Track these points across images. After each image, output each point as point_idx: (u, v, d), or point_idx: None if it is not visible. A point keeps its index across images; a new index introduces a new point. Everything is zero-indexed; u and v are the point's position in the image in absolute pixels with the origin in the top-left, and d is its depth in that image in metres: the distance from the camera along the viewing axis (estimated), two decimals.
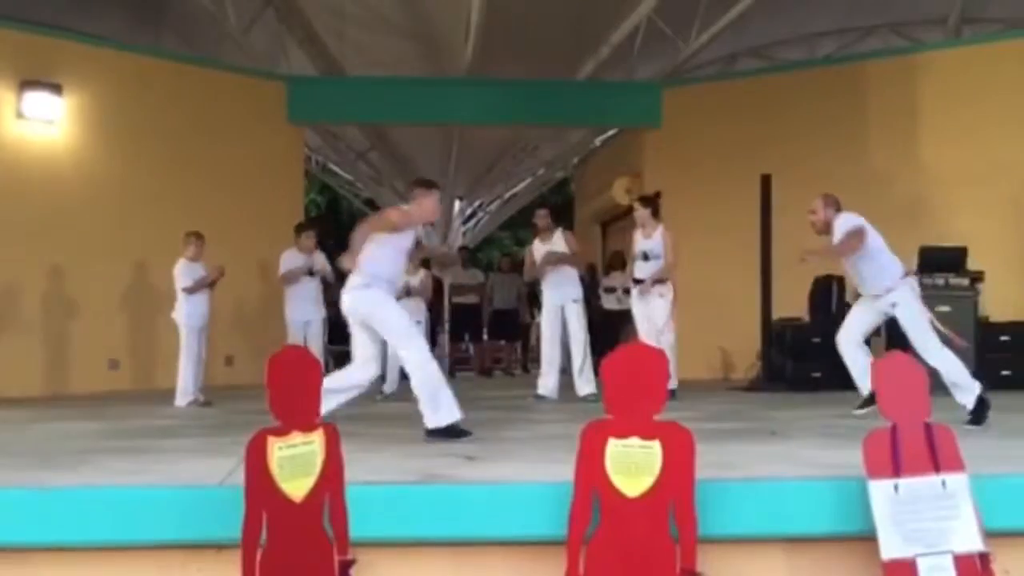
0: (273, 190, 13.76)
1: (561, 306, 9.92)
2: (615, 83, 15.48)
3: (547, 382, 9.90)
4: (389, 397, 10.14)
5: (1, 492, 4.25)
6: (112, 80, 12.56)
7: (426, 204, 6.61)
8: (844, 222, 7.41)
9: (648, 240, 9.78)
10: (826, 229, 7.56)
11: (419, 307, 10.57)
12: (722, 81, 15.14)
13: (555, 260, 9.86)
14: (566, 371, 10.24)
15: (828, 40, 16.30)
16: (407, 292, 10.41)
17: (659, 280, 9.68)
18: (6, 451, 5.88)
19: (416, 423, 7.24)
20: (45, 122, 11.93)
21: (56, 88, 11.92)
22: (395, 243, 6.44)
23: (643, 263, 9.79)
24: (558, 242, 9.96)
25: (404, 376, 10.34)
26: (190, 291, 9.81)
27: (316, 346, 10.51)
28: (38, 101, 11.81)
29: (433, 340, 16.52)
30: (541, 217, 10.23)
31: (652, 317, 9.67)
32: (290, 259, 10.70)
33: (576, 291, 9.97)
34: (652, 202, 10.25)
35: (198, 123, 13.06)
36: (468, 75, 14.86)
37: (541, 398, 9.79)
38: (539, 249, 10.04)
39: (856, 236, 7.26)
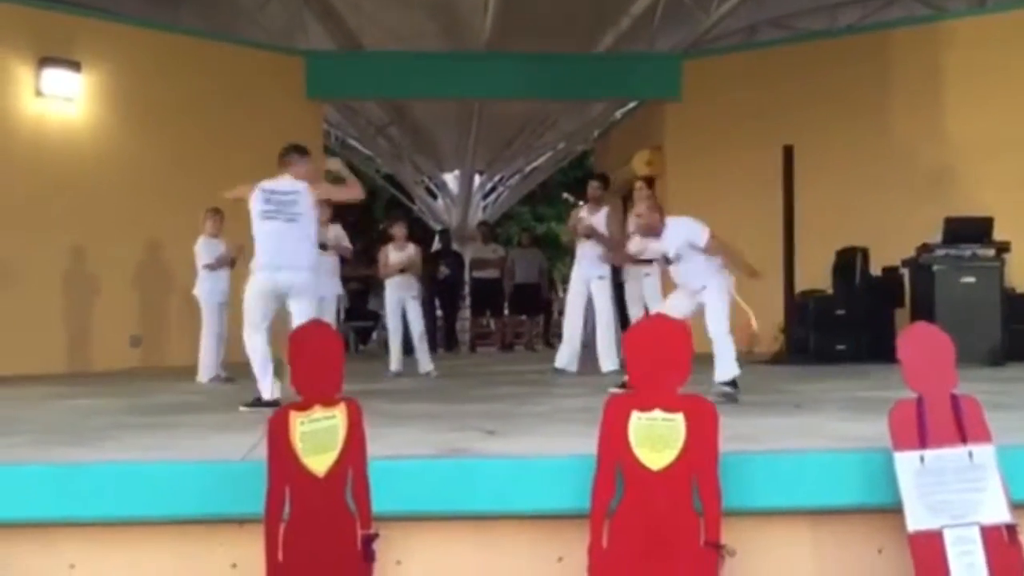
0: None
1: (587, 281, 9.90)
2: (635, 55, 15.38)
3: (564, 354, 9.88)
4: (399, 375, 10.12)
5: (25, 468, 4.27)
6: (131, 57, 12.55)
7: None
8: (688, 228, 7.24)
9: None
10: (650, 232, 7.41)
11: (410, 282, 10.39)
12: (743, 52, 15.00)
13: (588, 231, 9.82)
14: (588, 346, 10.21)
15: (850, 9, 16.12)
16: (399, 270, 10.29)
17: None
18: (30, 428, 5.90)
19: (435, 398, 7.25)
20: (64, 99, 11.94)
21: (75, 65, 11.93)
22: None
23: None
24: (600, 219, 9.92)
25: (408, 352, 10.41)
26: (211, 268, 9.81)
27: (329, 321, 10.44)
28: (57, 78, 11.82)
29: (453, 313, 16.60)
30: (593, 188, 10.23)
31: (646, 294, 9.71)
32: None
33: (603, 268, 9.92)
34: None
35: (217, 99, 13.04)
36: (487, 49, 14.80)
37: (559, 371, 9.75)
38: (583, 218, 10.02)
39: (721, 241, 7.32)
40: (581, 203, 10.27)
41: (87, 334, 11.98)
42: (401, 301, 10.30)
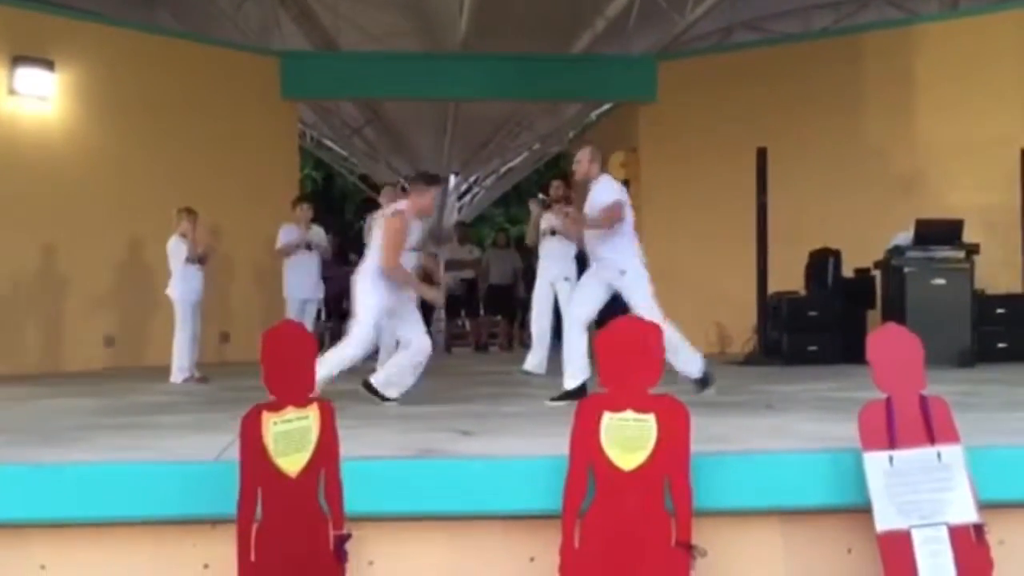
0: (268, 166, 13.71)
1: (553, 282, 9.88)
2: (610, 57, 15.42)
3: (534, 357, 9.85)
4: None
5: None
6: (105, 56, 12.48)
7: (422, 201, 7.34)
8: (606, 189, 7.27)
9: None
10: (584, 181, 7.47)
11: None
12: (718, 54, 15.07)
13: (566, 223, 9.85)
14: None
15: (824, 12, 16.22)
16: None
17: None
18: (1, 428, 5.88)
19: (410, 399, 7.25)
20: (38, 98, 11.85)
21: (48, 64, 11.84)
22: None
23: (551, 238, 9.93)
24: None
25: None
26: (190, 261, 9.72)
27: (309, 324, 10.50)
28: (30, 77, 11.73)
29: (427, 315, 16.56)
30: (555, 188, 10.25)
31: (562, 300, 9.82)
32: (288, 233, 10.72)
33: (569, 269, 9.88)
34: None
35: (192, 99, 12.99)
36: (463, 50, 14.80)
37: (527, 373, 9.73)
38: (547, 219, 10.01)
39: (615, 210, 7.15)
40: (541, 197, 10.37)
41: (60, 334, 11.90)
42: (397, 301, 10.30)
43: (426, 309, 16.27)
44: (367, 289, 7.14)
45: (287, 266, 10.78)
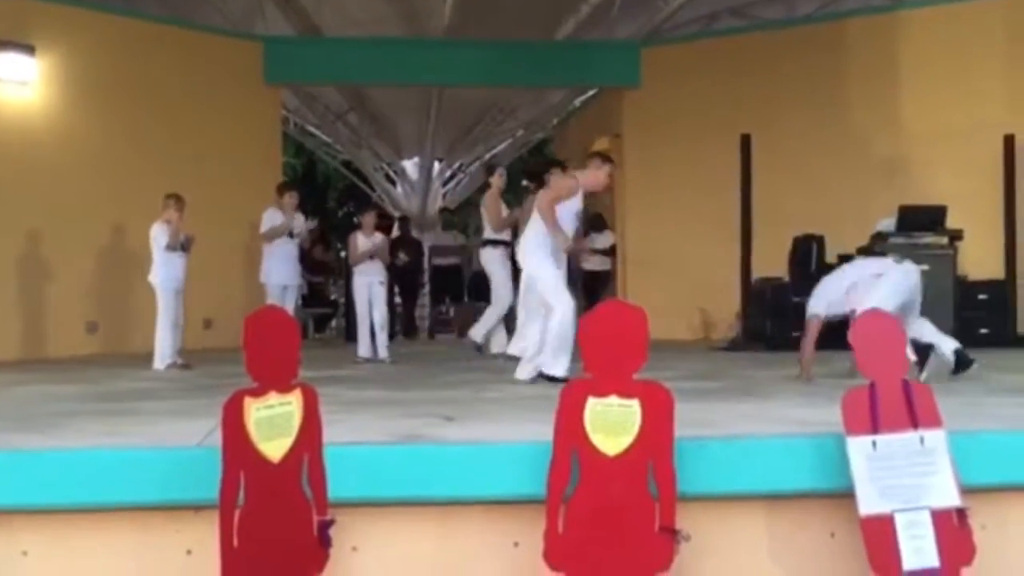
0: (251, 152, 13.65)
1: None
2: (594, 43, 15.39)
3: (518, 343, 9.84)
4: (368, 360, 10.17)
5: None
6: (87, 41, 12.40)
7: (598, 175, 7.57)
8: None
9: None
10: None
11: (378, 269, 10.52)
12: (702, 40, 15.04)
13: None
14: None
15: None
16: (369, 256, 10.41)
17: None
18: None
19: (393, 384, 7.24)
20: (18, 84, 11.77)
21: (29, 49, 11.76)
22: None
23: None
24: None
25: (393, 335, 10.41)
26: (171, 248, 9.68)
27: (290, 309, 10.49)
28: (11, 62, 11.64)
29: (412, 300, 16.58)
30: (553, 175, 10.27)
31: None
32: (272, 218, 10.68)
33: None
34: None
35: (174, 84, 12.93)
36: (446, 35, 14.76)
37: (512, 359, 9.71)
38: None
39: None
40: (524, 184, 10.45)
41: (42, 320, 11.84)
42: (369, 286, 10.39)
43: (410, 294, 16.35)
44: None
45: (266, 253, 10.74)
